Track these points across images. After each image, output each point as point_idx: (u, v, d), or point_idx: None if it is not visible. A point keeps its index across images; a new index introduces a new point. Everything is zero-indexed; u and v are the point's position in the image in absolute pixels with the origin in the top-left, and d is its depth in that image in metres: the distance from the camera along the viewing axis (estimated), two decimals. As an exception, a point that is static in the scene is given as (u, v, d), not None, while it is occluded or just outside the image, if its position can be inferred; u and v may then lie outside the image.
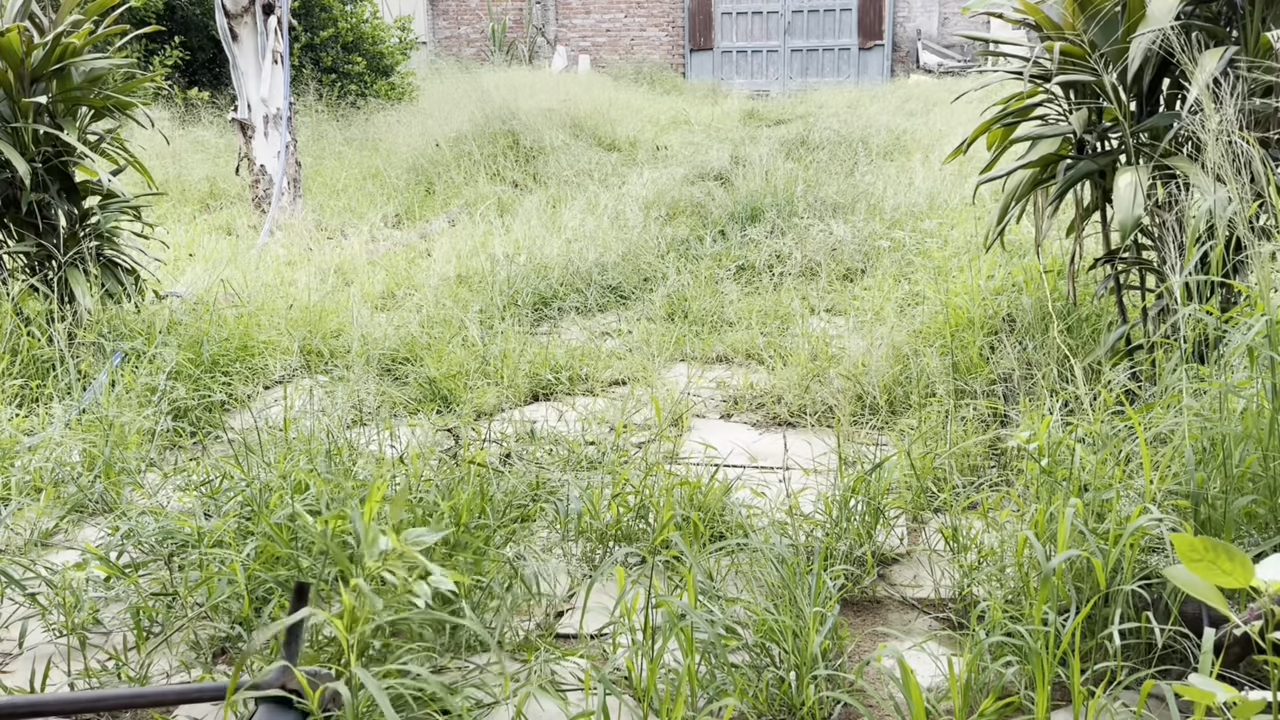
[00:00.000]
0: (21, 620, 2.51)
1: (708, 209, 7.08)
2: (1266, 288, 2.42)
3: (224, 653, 2.41)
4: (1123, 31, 3.17)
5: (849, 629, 2.47)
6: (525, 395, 4.12)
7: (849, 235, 5.98)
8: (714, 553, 2.68)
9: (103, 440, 3.31)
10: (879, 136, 9.59)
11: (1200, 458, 2.37)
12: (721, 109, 14.12)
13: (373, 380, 4.06)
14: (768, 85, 18.66)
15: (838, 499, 2.76)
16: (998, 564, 2.46)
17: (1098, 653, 2.24)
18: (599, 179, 8.64)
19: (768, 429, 3.83)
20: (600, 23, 20.05)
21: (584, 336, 4.93)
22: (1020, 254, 4.78)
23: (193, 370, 4.00)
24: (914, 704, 1.88)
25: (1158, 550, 2.41)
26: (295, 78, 11.40)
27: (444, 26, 20.67)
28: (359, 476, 2.94)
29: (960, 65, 17.56)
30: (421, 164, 9.08)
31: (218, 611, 2.45)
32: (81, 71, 4.37)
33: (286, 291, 5.21)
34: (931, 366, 3.77)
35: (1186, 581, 1.30)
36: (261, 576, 2.45)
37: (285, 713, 1.82)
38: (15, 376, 3.78)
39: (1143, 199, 2.97)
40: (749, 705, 2.11)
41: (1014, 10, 3.58)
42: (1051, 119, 3.64)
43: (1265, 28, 3.09)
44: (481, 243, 6.31)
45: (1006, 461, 3.19)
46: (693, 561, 2.42)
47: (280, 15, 7.55)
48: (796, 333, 4.67)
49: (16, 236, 4.29)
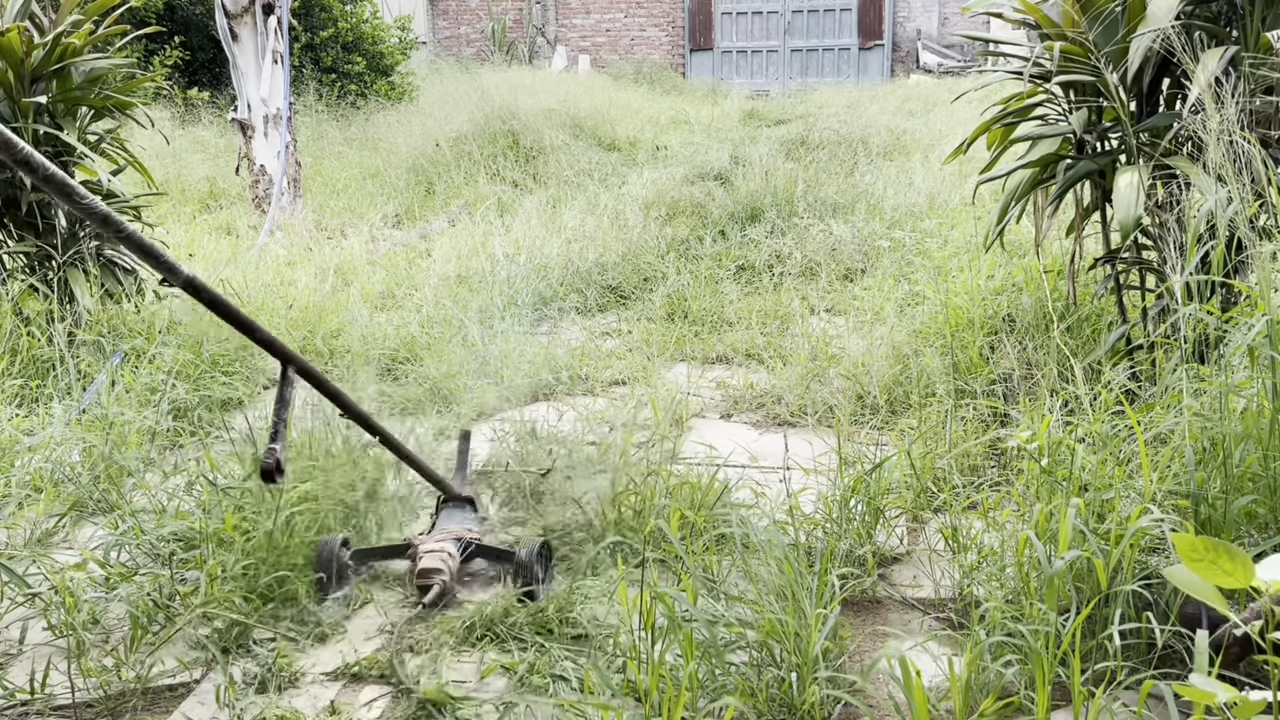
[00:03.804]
0: (22, 620, 2.51)
1: (708, 209, 7.07)
2: (1267, 288, 2.41)
3: (239, 643, 2.40)
4: (1123, 31, 3.17)
5: (849, 629, 2.47)
6: (525, 395, 4.12)
7: (849, 235, 5.98)
8: (715, 552, 2.68)
9: (103, 440, 3.31)
10: (879, 136, 9.58)
11: (1200, 458, 2.37)
12: (721, 109, 14.11)
13: (373, 380, 4.06)
14: (768, 85, 18.65)
15: (838, 499, 2.76)
16: (998, 564, 2.46)
17: (1098, 653, 2.24)
18: (599, 179, 8.63)
19: (768, 429, 3.83)
20: (600, 23, 20.04)
21: (584, 336, 4.93)
22: (1020, 254, 4.78)
23: (193, 370, 4.00)
24: (916, 704, 1.88)
25: (1158, 550, 2.41)
26: (295, 78, 11.40)
27: (444, 26, 20.67)
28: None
29: (960, 65, 17.56)
30: (421, 164, 9.07)
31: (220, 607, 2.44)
32: (81, 71, 4.37)
33: (286, 291, 5.20)
34: (931, 366, 3.77)
35: (1187, 581, 1.30)
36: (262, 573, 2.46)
37: (463, 509, 2.77)
38: (15, 376, 3.78)
39: (1143, 199, 2.97)
40: (749, 705, 2.11)
41: (1014, 10, 3.58)
42: (1051, 119, 3.64)
43: (1265, 27, 3.09)
44: (481, 243, 6.30)
45: (1006, 461, 3.19)
46: (682, 552, 2.44)
47: (280, 15, 7.54)
48: (796, 333, 4.67)
49: (16, 236, 4.28)
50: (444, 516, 2.75)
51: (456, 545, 2.58)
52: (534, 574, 2.51)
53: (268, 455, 1.98)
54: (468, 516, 2.75)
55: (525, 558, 2.52)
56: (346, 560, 2.58)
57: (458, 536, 2.61)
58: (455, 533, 2.63)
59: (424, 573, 2.49)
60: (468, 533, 2.64)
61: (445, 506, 2.79)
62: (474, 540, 2.62)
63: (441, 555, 2.50)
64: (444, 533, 2.63)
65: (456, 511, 2.76)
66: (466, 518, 2.74)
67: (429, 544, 2.55)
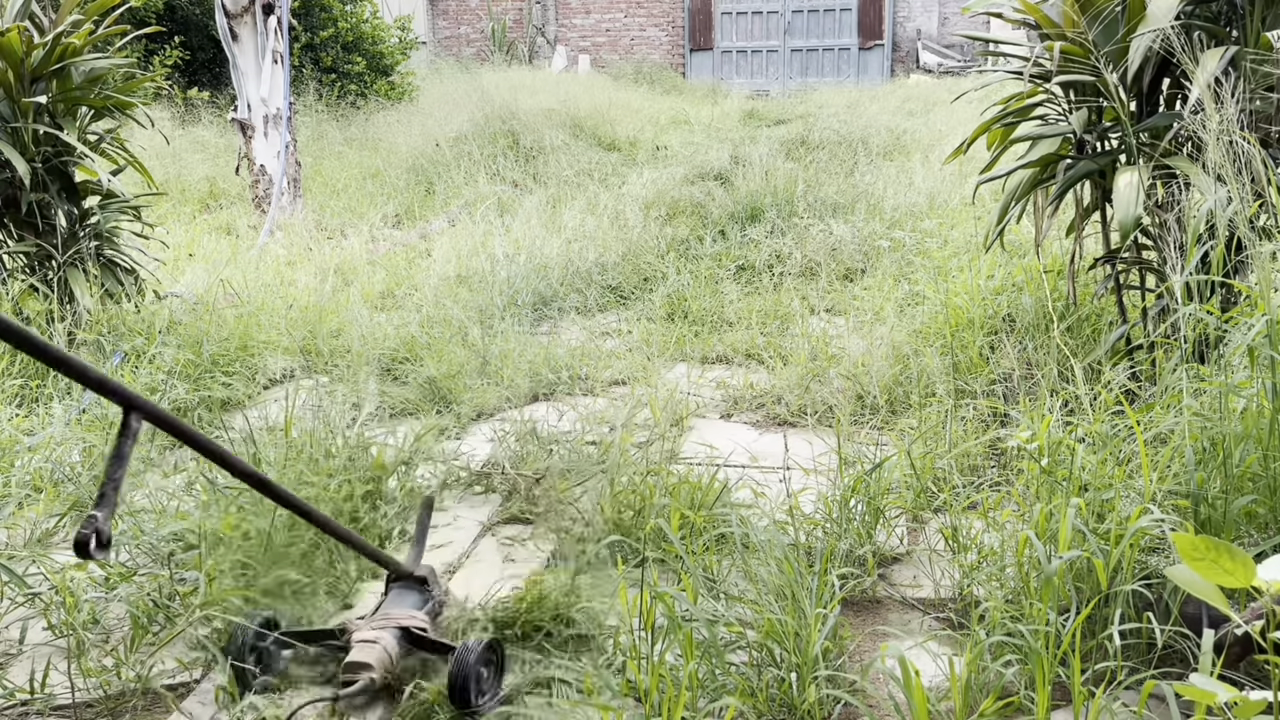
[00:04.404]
0: (22, 620, 2.51)
1: (708, 209, 7.08)
2: (1267, 287, 2.41)
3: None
4: (1123, 31, 3.17)
5: (849, 629, 2.47)
6: (525, 395, 4.12)
7: (849, 235, 5.98)
8: (715, 552, 2.68)
9: (102, 440, 3.31)
10: (879, 136, 9.58)
11: (1200, 458, 2.37)
12: (721, 109, 14.11)
13: (373, 380, 4.06)
14: (768, 85, 18.65)
15: (838, 499, 2.76)
16: (998, 564, 2.46)
17: (1098, 653, 2.23)
18: (599, 179, 8.63)
19: (768, 429, 3.83)
20: (600, 23, 20.04)
21: (584, 336, 4.92)
22: (1020, 254, 4.78)
23: (193, 370, 4.00)
24: (915, 704, 1.88)
25: (1158, 550, 2.41)
26: (295, 78, 11.40)
27: (444, 26, 20.66)
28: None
29: (960, 65, 17.56)
30: (421, 164, 9.07)
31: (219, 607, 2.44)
32: (81, 71, 4.37)
33: (286, 291, 5.20)
34: (931, 366, 3.77)
35: (1188, 581, 1.30)
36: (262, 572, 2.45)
37: (415, 592, 2.39)
38: (15, 376, 3.78)
39: (1142, 199, 2.97)
40: (749, 705, 2.11)
41: (1014, 10, 3.58)
42: (1051, 119, 3.64)
43: (1265, 27, 3.09)
44: (481, 243, 6.30)
45: (1006, 461, 3.19)
46: (682, 552, 2.43)
47: (280, 15, 7.54)
48: (796, 333, 4.67)
49: (16, 236, 4.28)
50: (391, 598, 2.38)
51: (396, 636, 2.24)
52: (474, 682, 2.12)
53: (85, 524, 1.53)
54: (418, 600, 2.38)
55: (462, 667, 2.11)
56: (269, 646, 2.26)
57: (401, 624, 2.26)
58: (399, 619, 2.27)
59: (350, 666, 2.18)
60: (413, 620, 2.28)
61: (395, 586, 2.42)
62: (418, 631, 2.26)
63: (377, 649, 2.19)
64: (386, 619, 2.28)
65: (407, 593, 2.39)
66: (417, 601, 2.37)
67: (365, 632, 2.22)
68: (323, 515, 2.06)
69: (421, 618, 2.30)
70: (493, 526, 3.09)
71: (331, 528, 2.10)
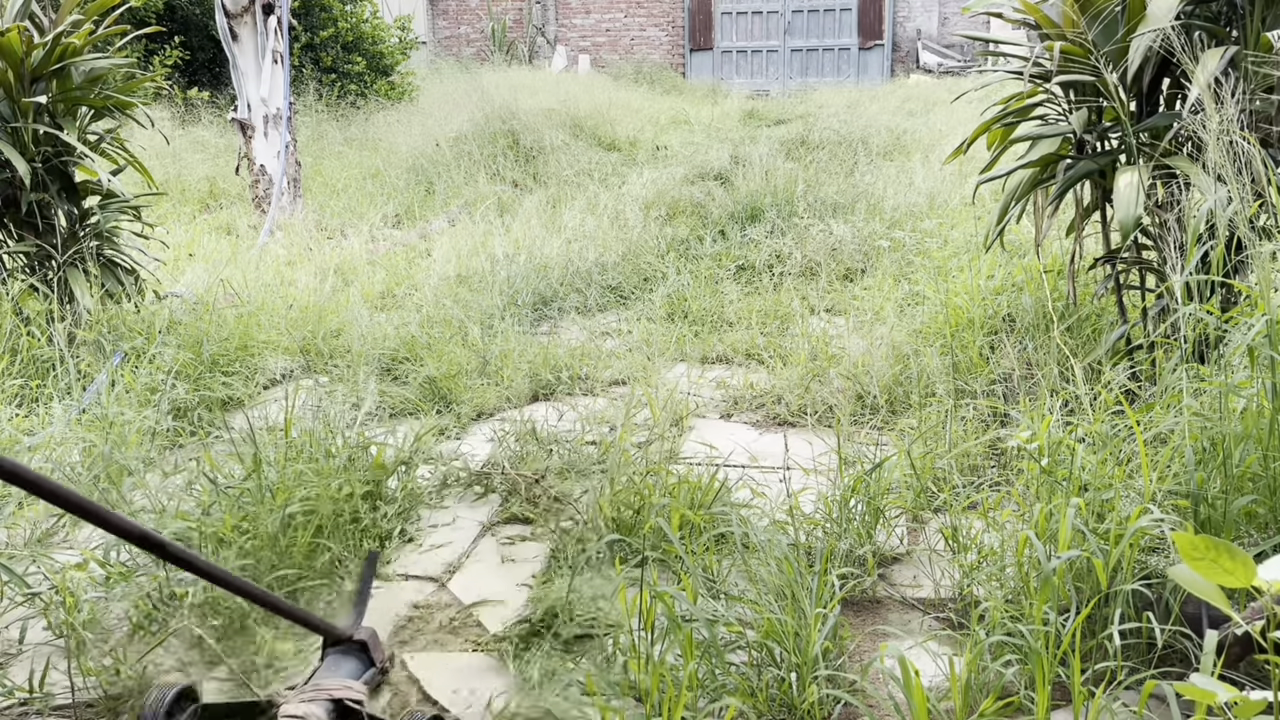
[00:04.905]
0: (22, 620, 2.51)
1: (708, 209, 7.08)
2: (1267, 287, 2.41)
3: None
4: (1123, 31, 3.17)
5: (849, 629, 2.47)
6: (525, 395, 4.12)
7: (849, 235, 5.98)
8: (715, 552, 2.68)
9: (103, 440, 3.31)
10: (879, 136, 9.58)
11: (1200, 458, 2.37)
12: (721, 109, 14.11)
13: (373, 380, 4.06)
14: (768, 85, 18.65)
15: (838, 499, 2.76)
16: (998, 564, 2.46)
17: (1098, 653, 2.23)
18: (599, 179, 8.63)
19: (768, 429, 3.82)
20: (600, 23, 20.04)
21: (584, 336, 4.92)
22: (1020, 254, 4.78)
23: (193, 370, 4.00)
24: (915, 704, 1.88)
25: (1158, 550, 2.41)
26: (295, 78, 11.40)
27: (444, 26, 20.66)
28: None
29: (960, 65, 17.56)
30: (421, 164, 9.07)
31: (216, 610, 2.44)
32: (81, 71, 4.37)
33: (286, 291, 5.20)
34: (931, 366, 3.77)
35: (1189, 580, 1.30)
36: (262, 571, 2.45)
37: (353, 659, 2.19)
38: (15, 376, 3.78)
39: (1143, 199, 2.97)
40: (749, 705, 2.11)
41: (1014, 10, 3.58)
42: (1051, 119, 3.64)
43: (1265, 27, 3.09)
44: (481, 242, 6.30)
45: (1006, 461, 3.19)
46: (682, 552, 2.43)
47: (280, 15, 7.54)
48: (796, 333, 4.67)
49: (16, 236, 4.28)
50: (327, 665, 2.16)
51: (328, 709, 2.01)
52: None
53: None
54: (356, 667, 2.17)
55: None
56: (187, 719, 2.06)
57: (334, 696, 2.03)
58: (332, 690, 2.04)
59: None
60: (348, 691, 2.05)
61: (331, 651, 2.19)
62: (352, 704, 2.03)
63: None
64: (317, 689, 2.04)
65: (344, 660, 2.17)
66: (354, 669, 2.17)
67: (293, 704, 2.00)
68: (241, 581, 1.83)
69: (358, 688, 2.06)
70: (492, 526, 3.09)
71: (254, 594, 1.88)
